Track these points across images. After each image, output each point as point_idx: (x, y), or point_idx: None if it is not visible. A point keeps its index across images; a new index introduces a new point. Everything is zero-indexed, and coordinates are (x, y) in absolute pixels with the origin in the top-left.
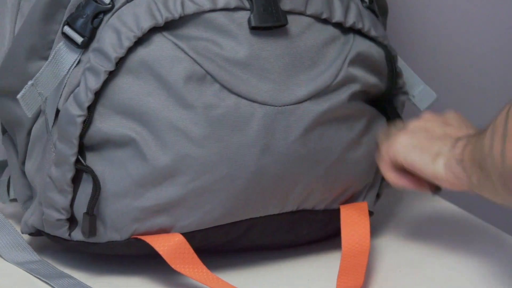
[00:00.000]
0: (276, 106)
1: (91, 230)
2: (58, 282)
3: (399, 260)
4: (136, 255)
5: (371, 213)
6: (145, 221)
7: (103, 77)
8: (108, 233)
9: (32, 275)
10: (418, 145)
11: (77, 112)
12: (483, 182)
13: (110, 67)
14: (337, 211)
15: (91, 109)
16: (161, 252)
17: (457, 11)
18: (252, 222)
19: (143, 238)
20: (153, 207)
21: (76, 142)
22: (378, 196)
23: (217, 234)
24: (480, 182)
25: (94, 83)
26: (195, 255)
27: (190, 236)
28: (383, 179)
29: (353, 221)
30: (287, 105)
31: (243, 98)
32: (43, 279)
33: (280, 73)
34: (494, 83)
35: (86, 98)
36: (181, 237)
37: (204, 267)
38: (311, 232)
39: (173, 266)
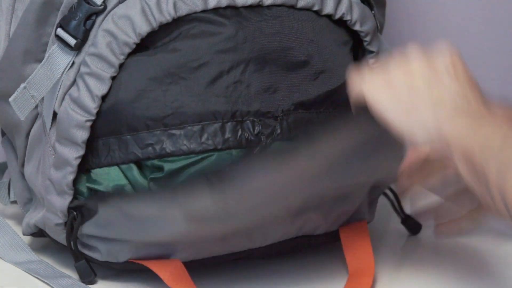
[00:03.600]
0: None
1: (86, 274)
2: (57, 282)
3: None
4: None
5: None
6: (141, 251)
7: (108, 83)
8: (105, 257)
9: (31, 275)
10: (401, 107)
11: (85, 117)
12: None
13: (113, 72)
14: (338, 232)
15: None
16: (161, 276)
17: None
18: (250, 251)
19: (141, 262)
20: (150, 242)
21: (84, 145)
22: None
23: (214, 262)
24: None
25: (101, 88)
26: (191, 282)
27: (187, 264)
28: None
29: (355, 245)
30: None
31: None
32: (42, 279)
33: None
34: (496, 73)
35: (94, 104)
36: (179, 263)
37: None
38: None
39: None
